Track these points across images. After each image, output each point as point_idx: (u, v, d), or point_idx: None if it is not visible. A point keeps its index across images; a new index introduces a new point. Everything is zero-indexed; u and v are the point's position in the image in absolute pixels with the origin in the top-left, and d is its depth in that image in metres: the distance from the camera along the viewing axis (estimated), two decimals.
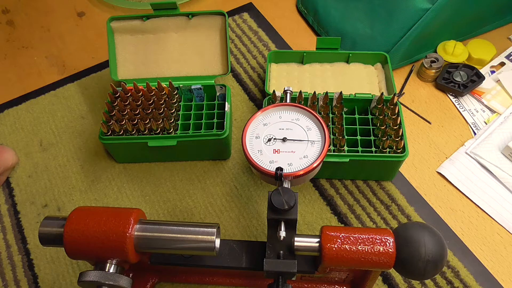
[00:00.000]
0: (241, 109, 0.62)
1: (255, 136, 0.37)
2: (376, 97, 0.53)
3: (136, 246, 0.34)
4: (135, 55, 0.60)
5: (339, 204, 0.53)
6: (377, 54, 0.59)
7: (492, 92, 0.62)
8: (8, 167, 0.43)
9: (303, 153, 0.36)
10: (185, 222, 0.36)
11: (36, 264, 0.50)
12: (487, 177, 0.54)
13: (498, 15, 0.68)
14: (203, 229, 0.34)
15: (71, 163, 0.58)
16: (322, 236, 0.33)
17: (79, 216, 0.34)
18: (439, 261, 0.31)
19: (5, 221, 0.53)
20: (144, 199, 0.54)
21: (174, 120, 0.54)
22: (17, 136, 0.61)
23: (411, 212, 0.52)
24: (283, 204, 0.33)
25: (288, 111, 0.39)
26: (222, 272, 0.46)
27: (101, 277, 0.33)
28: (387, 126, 0.51)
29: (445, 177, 0.54)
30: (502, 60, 0.65)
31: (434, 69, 0.62)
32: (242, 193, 0.54)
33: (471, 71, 0.62)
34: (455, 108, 0.61)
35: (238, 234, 0.51)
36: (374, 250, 0.32)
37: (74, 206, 0.54)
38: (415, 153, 0.57)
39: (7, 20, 0.77)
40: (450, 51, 0.64)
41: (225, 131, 0.51)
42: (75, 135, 0.60)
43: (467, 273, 0.47)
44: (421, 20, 0.58)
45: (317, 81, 0.59)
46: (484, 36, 0.68)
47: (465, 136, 0.58)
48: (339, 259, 0.33)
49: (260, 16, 0.74)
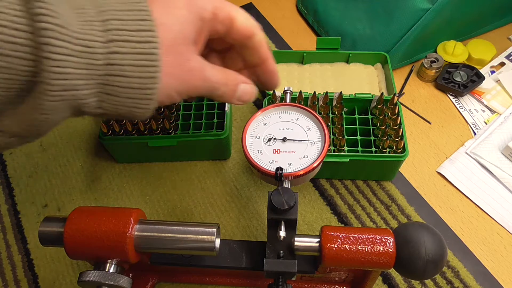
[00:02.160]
0: (241, 109, 0.62)
1: (255, 136, 0.37)
2: (376, 97, 0.53)
3: (136, 246, 0.34)
4: None
5: (339, 204, 0.53)
6: (377, 54, 0.59)
7: (492, 92, 0.62)
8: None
9: (303, 153, 0.36)
10: (185, 222, 0.36)
11: (36, 264, 0.50)
12: (487, 177, 0.54)
13: (498, 15, 0.68)
14: (203, 229, 0.34)
15: (71, 163, 0.58)
16: (322, 236, 0.33)
17: (79, 216, 0.34)
18: (439, 261, 0.31)
19: (5, 221, 0.53)
20: (144, 199, 0.54)
21: (174, 120, 0.54)
22: None
23: (411, 212, 0.52)
24: (283, 204, 0.33)
25: (288, 111, 0.39)
26: (222, 272, 0.46)
27: (101, 277, 0.33)
28: (387, 126, 0.51)
29: (445, 177, 0.54)
30: (502, 60, 0.65)
31: (434, 69, 0.62)
32: (242, 193, 0.54)
33: (471, 71, 0.62)
34: (455, 108, 0.61)
35: (238, 234, 0.51)
36: (374, 250, 0.32)
37: (74, 206, 0.54)
38: (415, 153, 0.57)
39: None
40: (450, 51, 0.64)
41: (225, 131, 0.51)
42: (75, 135, 0.60)
43: (467, 273, 0.47)
44: (421, 20, 0.58)
45: (317, 81, 0.59)
46: (484, 36, 0.68)
47: (465, 136, 0.58)
48: (339, 259, 0.33)
49: (260, 16, 0.74)
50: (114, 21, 0.24)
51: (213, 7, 0.29)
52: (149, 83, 0.25)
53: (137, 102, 0.26)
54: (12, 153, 0.59)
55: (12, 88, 0.22)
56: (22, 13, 0.21)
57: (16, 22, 0.21)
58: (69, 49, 0.22)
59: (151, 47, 0.25)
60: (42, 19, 0.21)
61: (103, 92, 0.25)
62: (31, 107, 0.23)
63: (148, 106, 0.26)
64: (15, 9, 0.21)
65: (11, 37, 0.21)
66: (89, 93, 0.24)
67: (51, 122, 0.24)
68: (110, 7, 0.24)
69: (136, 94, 0.25)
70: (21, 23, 0.21)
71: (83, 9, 0.23)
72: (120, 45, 0.24)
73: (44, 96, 0.22)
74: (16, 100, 0.23)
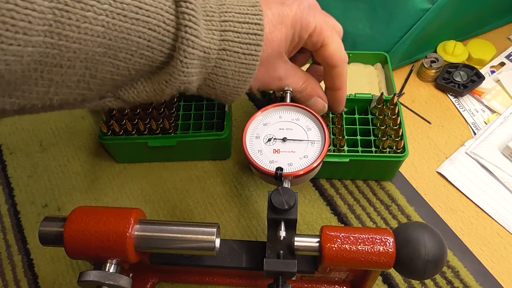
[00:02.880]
0: (241, 109, 0.62)
1: (255, 136, 0.37)
2: (376, 97, 0.53)
3: (136, 246, 0.34)
4: None
5: (339, 204, 0.53)
6: (377, 54, 0.59)
7: (492, 92, 0.62)
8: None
9: (303, 153, 0.36)
10: (185, 222, 0.36)
11: (36, 264, 0.50)
12: (487, 177, 0.54)
13: (498, 15, 0.68)
14: (203, 229, 0.34)
15: (71, 163, 0.58)
16: (322, 236, 0.33)
17: (79, 216, 0.34)
18: (439, 261, 0.31)
19: (5, 221, 0.53)
20: (144, 199, 0.54)
21: (174, 120, 0.54)
22: (17, 136, 0.61)
23: (411, 212, 0.52)
24: (283, 204, 0.33)
25: (288, 111, 0.39)
26: (222, 272, 0.46)
27: (101, 277, 0.33)
28: (387, 126, 0.51)
29: (445, 177, 0.54)
30: (502, 60, 0.65)
31: (434, 69, 0.62)
32: (242, 193, 0.54)
33: (471, 71, 0.62)
34: (455, 108, 0.61)
35: (238, 234, 0.51)
36: (374, 250, 0.33)
37: (74, 206, 0.53)
38: (415, 153, 0.57)
39: None
40: (450, 51, 0.64)
41: (225, 131, 0.51)
42: (75, 135, 0.60)
43: (467, 273, 0.47)
44: (421, 20, 0.58)
45: None
46: (484, 36, 0.68)
47: (465, 136, 0.58)
48: (339, 259, 0.33)
49: None
50: (230, 32, 0.30)
51: (315, 27, 0.33)
52: (241, 85, 0.33)
53: (229, 95, 0.34)
54: (12, 153, 0.59)
55: (151, 64, 0.29)
56: (172, 10, 0.27)
57: (166, 17, 0.27)
58: (195, 54, 0.28)
59: (253, 59, 0.31)
60: (185, 21, 0.27)
61: (205, 84, 0.32)
62: (157, 82, 0.30)
63: (233, 100, 0.34)
64: (167, 5, 0.27)
65: (159, 28, 0.27)
66: (196, 84, 0.31)
67: (168, 93, 0.31)
68: (230, 18, 0.30)
69: (230, 90, 0.33)
70: (170, 19, 0.27)
71: (211, 15, 0.29)
72: (228, 53, 0.30)
73: (167, 84, 0.29)
74: (154, 70, 0.29)
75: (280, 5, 0.32)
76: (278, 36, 0.32)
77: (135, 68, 0.28)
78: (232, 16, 0.30)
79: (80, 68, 0.25)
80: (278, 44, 0.32)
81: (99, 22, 0.24)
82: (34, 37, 0.21)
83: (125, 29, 0.25)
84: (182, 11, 0.27)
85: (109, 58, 0.26)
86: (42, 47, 0.22)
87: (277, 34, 0.32)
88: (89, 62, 0.25)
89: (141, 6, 0.25)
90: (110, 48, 0.25)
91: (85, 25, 0.23)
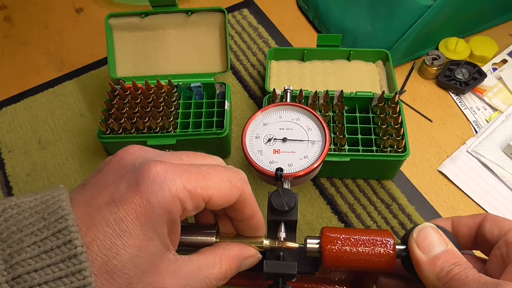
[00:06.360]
0: (241, 107, 0.61)
1: (255, 136, 0.37)
2: (377, 95, 0.53)
3: None
4: (133, 52, 0.59)
5: (340, 203, 0.52)
6: (378, 52, 0.59)
7: (494, 89, 0.62)
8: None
9: (303, 154, 0.36)
10: (185, 223, 0.36)
11: None
12: (489, 175, 0.54)
13: (500, 11, 0.67)
14: (203, 230, 0.34)
15: (70, 162, 0.57)
16: (322, 238, 0.33)
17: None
18: None
19: None
20: None
21: (173, 119, 0.54)
22: (15, 134, 0.60)
23: (411, 211, 0.51)
24: (283, 205, 0.33)
25: (288, 111, 0.38)
26: None
27: None
28: (388, 125, 0.50)
29: (446, 175, 0.54)
30: (504, 57, 0.64)
31: (436, 66, 0.62)
32: None
33: (473, 69, 0.62)
34: (457, 106, 0.61)
35: None
36: (375, 251, 0.32)
37: None
38: (416, 151, 0.57)
39: (4, 16, 0.76)
40: (451, 48, 0.63)
41: (224, 129, 0.51)
42: (74, 133, 0.60)
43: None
44: (422, 17, 0.57)
45: (317, 79, 0.59)
46: (486, 33, 0.67)
47: (467, 135, 0.58)
48: (339, 260, 0.33)
49: (260, 12, 0.73)
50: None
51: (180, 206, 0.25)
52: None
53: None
54: (10, 152, 0.59)
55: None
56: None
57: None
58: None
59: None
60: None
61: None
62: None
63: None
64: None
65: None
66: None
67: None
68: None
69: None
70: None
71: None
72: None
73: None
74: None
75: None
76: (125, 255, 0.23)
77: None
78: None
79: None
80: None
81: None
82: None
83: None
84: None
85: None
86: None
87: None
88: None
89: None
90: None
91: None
